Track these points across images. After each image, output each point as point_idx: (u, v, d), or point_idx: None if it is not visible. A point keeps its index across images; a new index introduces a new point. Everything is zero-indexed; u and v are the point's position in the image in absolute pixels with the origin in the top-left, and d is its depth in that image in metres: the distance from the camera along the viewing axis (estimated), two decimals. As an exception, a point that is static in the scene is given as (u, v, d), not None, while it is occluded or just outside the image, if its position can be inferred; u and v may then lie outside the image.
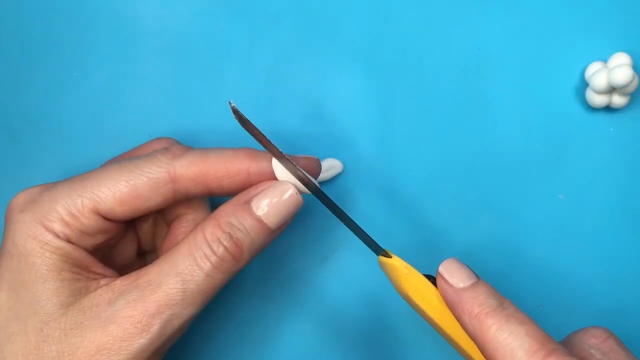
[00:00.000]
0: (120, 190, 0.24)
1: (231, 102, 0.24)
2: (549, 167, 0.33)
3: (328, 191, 0.33)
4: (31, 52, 0.33)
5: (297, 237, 0.33)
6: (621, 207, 0.33)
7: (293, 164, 0.25)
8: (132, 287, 0.23)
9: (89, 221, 0.24)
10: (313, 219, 0.33)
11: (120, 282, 0.24)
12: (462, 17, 0.34)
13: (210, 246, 0.24)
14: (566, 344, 0.25)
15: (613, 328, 0.32)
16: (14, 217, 0.24)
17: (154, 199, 0.25)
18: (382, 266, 0.27)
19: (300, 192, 0.26)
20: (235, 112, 0.25)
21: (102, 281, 0.24)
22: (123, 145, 0.30)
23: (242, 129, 0.25)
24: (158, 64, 0.33)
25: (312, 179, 0.26)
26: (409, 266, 0.26)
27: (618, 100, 0.32)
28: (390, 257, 0.26)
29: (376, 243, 0.27)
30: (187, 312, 0.24)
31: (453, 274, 0.25)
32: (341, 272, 0.33)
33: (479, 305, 0.23)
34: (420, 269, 0.26)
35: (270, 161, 0.26)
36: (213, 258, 0.24)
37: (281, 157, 0.25)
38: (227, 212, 0.25)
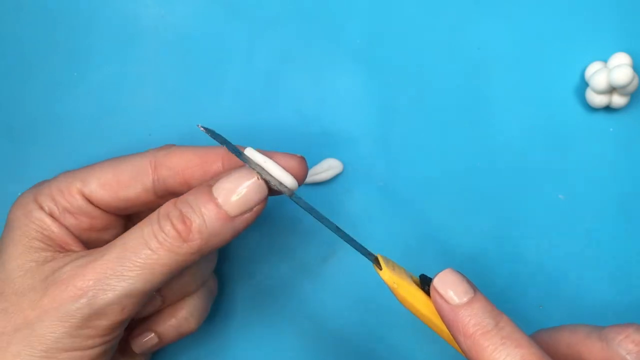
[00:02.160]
0: (104, 175, 0.26)
1: (200, 125, 0.25)
2: (549, 167, 0.33)
3: (328, 191, 0.33)
4: (31, 52, 0.33)
5: (297, 237, 0.33)
6: (621, 207, 0.33)
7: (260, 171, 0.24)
8: (82, 254, 0.24)
9: (74, 200, 0.26)
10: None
11: (78, 253, 0.24)
12: (462, 17, 0.34)
13: (159, 221, 0.24)
14: (593, 339, 0.25)
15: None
16: (21, 195, 0.26)
17: (133, 187, 0.26)
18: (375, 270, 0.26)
19: (275, 189, 0.25)
20: (208, 131, 0.25)
21: (72, 256, 0.24)
22: (123, 145, 0.30)
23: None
24: (158, 64, 0.33)
25: (287, 183, 0.25)
26: (398, 279, 0.25)
27: (618, 100, 0.32)
28: (381, 268, 0.25)
29: (366, 250, 0.25)
30: (123, 285, 0.23)
31: (448, 288, 0.23)
32: (342, 273, 0.33)
33: (474, 325, 0.22)
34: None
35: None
36: (160, 234, 0.23)
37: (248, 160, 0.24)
38: (187, 194, 0.24)
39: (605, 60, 0.33)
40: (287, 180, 0.25)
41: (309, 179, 0.32)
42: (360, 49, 0.33)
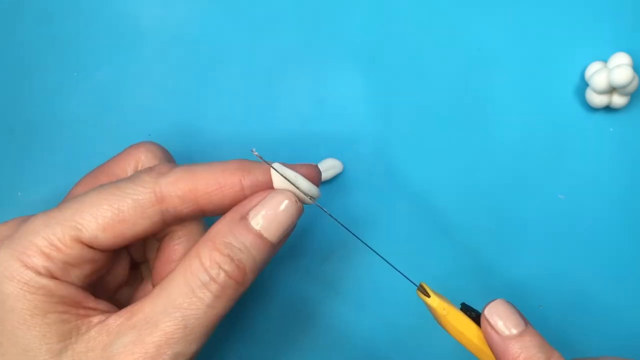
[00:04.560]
0: (102, 215, 0.22)
1: (254, 150, 0.23)
2: (549, 167, 0.33)
3: (328, 191, 0.33)
4: (31, 52, 0.33)
5: (297, 237, 0.33)
6: (621, 207, 0.33)
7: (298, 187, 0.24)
8: (127, 327, 0.21)
9: (72, 251, 0.21)
10: (313, 218, 0.33)
11: (114, 322, 0.22)
12: (462, 17, 0.34)
13: (208, 273, 0.22)
14: None
15: (613, 328, 0.33)
16: None
17: (140, 223, 0.22)
18: (420, 297, 0.26)
19: (300, 200, 0.24)
20: (261, 158, 0.23)
21: (94, 319, 0.22)
22: (123, 146, 0.30)
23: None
24: (158, 63, 0.33)
25: (314, 195, 0.24)
26: (447, 306, 0.24)
27: (618, 100, 0.32)
28: (429, 295, 0.25)
29: (410, 280, 0.25)
30: (191, 348, 0.21)
31: (499, 318, 0.23)
32: (342, 271, 0.33)
33: (525, 358, 0.22)
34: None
35: (264, 172, 0.24)
36: (213, 287, 0.22)
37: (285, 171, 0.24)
38: (223, 231, 0.22)
39: (605, 60, 0.33)
40: (315, 192, 0.24)
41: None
42: (360, 49, 0.33)
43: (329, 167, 0.32)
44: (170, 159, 0.27)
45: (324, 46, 0.33)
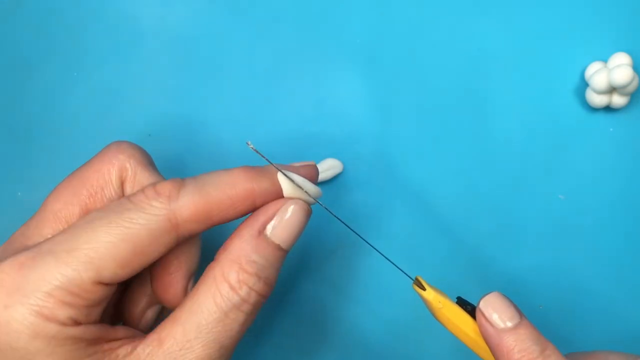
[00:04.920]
0: (119, 253, 0.21)
1: (249, 142, 0.24)
2: (549, 167, 0.33)
3: (328, 191, 0.33)
4: (31, 52, 0.33)
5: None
6: (621, 207, 0.33)
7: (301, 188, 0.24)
8: (160, 356, 0.21)
9: (94, 295, 0.21)
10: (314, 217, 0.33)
11: (143, 351, 0.21)
12: (462, 17, 0.34)
13: (239, 295, 0.22)
14: None
15: (612, 327, 0.32)
16: (8, 318, 0.19)
17: (157, 251, 0.22)
18: (416, 290, 0.26)
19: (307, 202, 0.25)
20: (257, 152, 0.24)
21: (121, 352, 0.21)
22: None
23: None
24: (158, 63, 0.33)
25: (318, 195, 0.25)
26: (443, 299, 0.25)
27: (618, 100, 0.32)
28: (424, 288, 0.25)
29: (405, 273, 0.26)
30: None
31: (494, 311, 0.23)
32: (341, 271, 0.33)
33: (519, 350, 0.22)
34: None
35: (271, 179, 0.24)
36: (245, 307, 0.22)
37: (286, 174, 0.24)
38: (246, 250, 0.23)
39: (605, 60, 0.33)
40: (319, 194, 0.25)
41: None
42: (360, 49, 0.33)
43: (329, 167, 0.32)
44: (150, 161, 0.26)
45: (324, 46, 0.33)
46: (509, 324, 0.23)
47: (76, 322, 0.20)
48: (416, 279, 0.25)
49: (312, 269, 0.33)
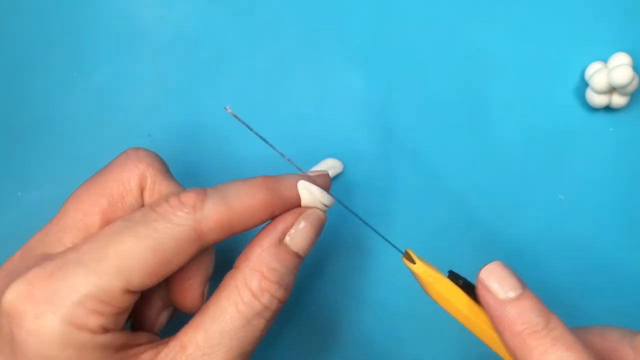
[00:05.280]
0: (147, 262, 0.21)
1: (227, 107, 0.24)
2: (549, 167, 0.33)
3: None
4: (31, 52, 0.33)
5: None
6: (621, 207, 0.33)
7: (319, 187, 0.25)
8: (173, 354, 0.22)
9: (123, 303, 0.21)
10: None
11: (166, 355, 0.22)
12: (462, 17, 0.34)
13: (261, 303, 0.22)
14: (625, 347, 0.24)
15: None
16: (28, 325, 0.20)
17: (181, 260, 0.22)
18: (405, 264, 0.25)
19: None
20: (235, 116, 0.24)
21: (144, 357, 0.22)
22: (123, 146, 0.30)
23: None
24: (158, 64, 0.33)
25: (331, 204, 0.26)
26: (433, 272, 0.24)
27: (618, 100, 0.32)
28: (414, 262, 0.24)
29: (396, 247, 0.25)
30: None
31: (496, 281, 0.22)
32: (342, 270, 0.33)
33: (522, 322, 0.21)
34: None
35: (290, 188, 0.25)
36: (267, 314, 0.23)
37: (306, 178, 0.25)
38: (267, 258, 0.23)
39: (605, 60, 0.33)
40: (332, 202, 0.26)
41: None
42: (360, 49, 0.33)
43: (329, 167, 0.32)
44: (167, 168, 0.26)
45: (324, 46, 0.33)
46: (511, 294, 0.22)
47: (105, 330, 0.21)
48: (406, 252, 0.25)
49: (313, 269, 0.33)
